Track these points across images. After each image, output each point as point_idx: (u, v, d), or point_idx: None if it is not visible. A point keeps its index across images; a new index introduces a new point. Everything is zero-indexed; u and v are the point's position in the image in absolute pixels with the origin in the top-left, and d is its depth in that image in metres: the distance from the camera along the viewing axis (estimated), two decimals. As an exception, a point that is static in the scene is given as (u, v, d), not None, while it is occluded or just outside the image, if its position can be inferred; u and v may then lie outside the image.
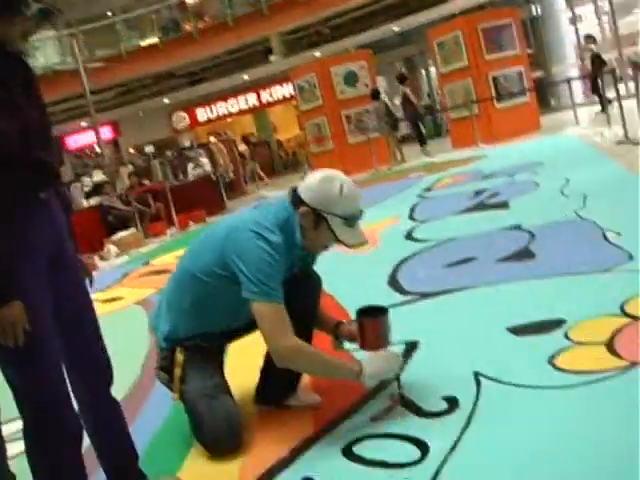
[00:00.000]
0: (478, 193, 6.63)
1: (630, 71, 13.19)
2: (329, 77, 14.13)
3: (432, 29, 14.22)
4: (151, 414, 2.92)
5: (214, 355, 2.52)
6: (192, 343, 2.44)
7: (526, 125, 12.54)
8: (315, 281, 2.61)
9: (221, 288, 2.33)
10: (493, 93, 12.74)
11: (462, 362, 2.60)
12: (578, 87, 16.84)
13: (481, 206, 5.98)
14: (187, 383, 2.40)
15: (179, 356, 2.43)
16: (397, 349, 2.85)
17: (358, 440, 2.19)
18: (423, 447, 2.04)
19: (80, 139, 23.73)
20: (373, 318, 2.44)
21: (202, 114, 24.82)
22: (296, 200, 2.34)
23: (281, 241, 2.27)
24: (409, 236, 5.46)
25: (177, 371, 2.43)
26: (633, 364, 2.23)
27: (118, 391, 2.24)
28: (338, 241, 2.34)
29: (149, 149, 23.04)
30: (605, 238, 3.82)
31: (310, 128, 14.95)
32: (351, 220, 2.33)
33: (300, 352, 2.24)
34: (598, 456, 1.78)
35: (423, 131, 14.04)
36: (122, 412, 2.13)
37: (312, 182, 2.34)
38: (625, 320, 2.61)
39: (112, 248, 9.92)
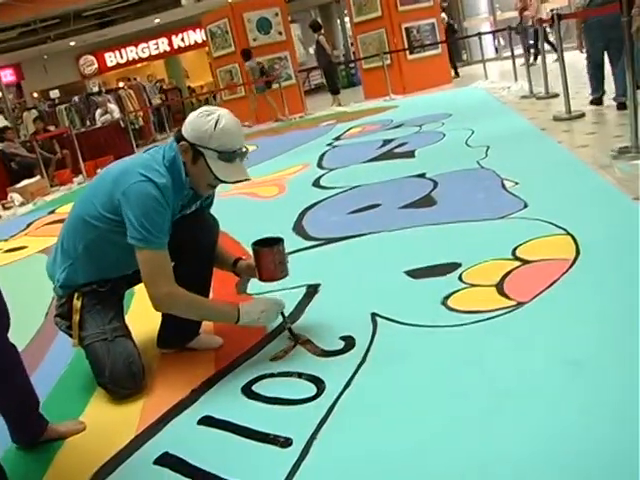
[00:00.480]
0: (386, 142, 6.73)
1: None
2: (242, 23, 13.85)
3: (347, -23, 14.04)
4: (54, 361, 2.87)
5: (112, 300, 2.48)
6: (89, 289, 2.41)
7: (437, 77, 12.71)
8: (211, 224, 2.59)
9: (112, 232, 2.28)
10: (405, 44, 12.80)
11: (360, 304, 2.67)
12: (489, 42, 17.14)
13: (388, 155, 6.06)
14: (86, 329, 2.37)
15: (76, 302, 2.40)
16: (298, 292, 2.92)
17: (257, 379, 2.23)
18: (319, 384, 2.10)
19: (-21, 82, 22.52)
20: (268, 247, 2.48)
21: (111, 58, 23.99)
22: (179, 137, 2.32)
23: (169, 183, 2.24)
24: (316, 183, 5.49)
25: (75, 317, 2.39)
26: (519, 304, 2.36)
27: (21, 339, 2.21)
28: (216, 178, 2.30)
29: (55, 94, 22.11)
30: (503, 187, 3.96)
31: (222, 75, 14.68)
32: (227, 155, 2.28)
33: (177, 298, 2.23)
34: (482, 381, 1.90)
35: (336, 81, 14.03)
36: (20, 357, 2.08)
37: (191, 117, 2.32)
38: (516, 264, 2.74)
39: (16, 197, 9.51)
